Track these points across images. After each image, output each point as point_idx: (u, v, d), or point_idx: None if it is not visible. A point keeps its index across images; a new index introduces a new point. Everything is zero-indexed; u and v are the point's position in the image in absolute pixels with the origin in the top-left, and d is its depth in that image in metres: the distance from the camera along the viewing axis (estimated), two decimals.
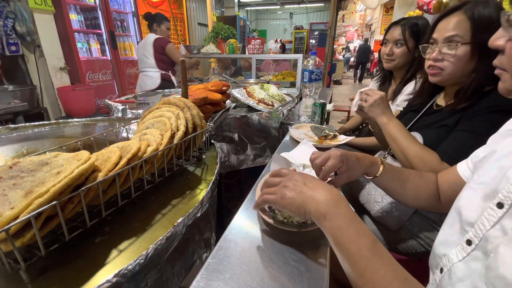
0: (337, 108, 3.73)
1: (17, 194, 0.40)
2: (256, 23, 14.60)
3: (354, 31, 16.64)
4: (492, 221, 0.39)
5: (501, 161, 0.44)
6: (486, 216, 0.40)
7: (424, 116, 0.91)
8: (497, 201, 0.39)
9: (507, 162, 0.42)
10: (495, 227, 0.38)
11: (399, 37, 1.25)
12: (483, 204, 0.42)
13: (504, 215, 0.38)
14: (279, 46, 3.48)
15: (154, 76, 2.52)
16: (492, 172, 0.44)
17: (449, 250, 0.46)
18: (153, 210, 0.56)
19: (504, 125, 0.52)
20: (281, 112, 1.42)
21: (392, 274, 0.37)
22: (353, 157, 0.59)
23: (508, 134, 0.48)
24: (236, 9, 8.36)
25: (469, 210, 0.44)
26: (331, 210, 0.43)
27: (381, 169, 0.62)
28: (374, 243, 0.40)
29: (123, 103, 1.42)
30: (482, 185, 0.44)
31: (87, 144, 0.79)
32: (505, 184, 0.39)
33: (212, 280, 0.44)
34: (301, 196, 0.47)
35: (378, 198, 0.87)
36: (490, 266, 0.37)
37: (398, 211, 0.84)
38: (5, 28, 2.33)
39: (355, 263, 0.39)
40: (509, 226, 0.37)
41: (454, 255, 0.44)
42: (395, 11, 5.32)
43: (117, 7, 3.61)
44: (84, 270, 0.41)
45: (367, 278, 0.37)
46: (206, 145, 0.83)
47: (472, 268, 0.40)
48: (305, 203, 0.46)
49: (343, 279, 0.84)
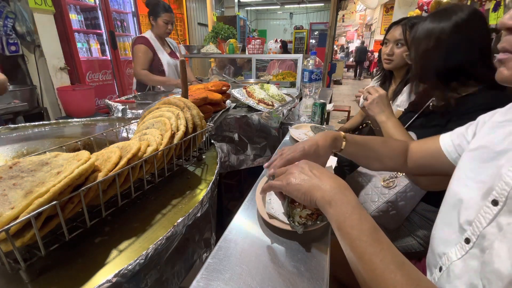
0: (337, 108, 3.73)
1: (17, 194, 0.40)
2: (256, 23, 14.60)
3: (354, 31, 16.65)
4: (488, 219, 0.39)
5: (496, 159, 0.44)
6: (483, 214, 0.41)
7: (421, 117, 0.93)
8: (492, 198, 0.40)
9: (501, 160, 0.43)
10: (491, 224, 0.39)
11: (400, 37, 1.25)
12: (480, 202, 0.42)
13: (500, 212, 0.38)
14: (279, 46, 3.48)
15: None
16: (490, 170, 0.44)
17: (449, 249, 0.46)
18: (153, 210, 0.56)
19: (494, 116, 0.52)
20: (281, 112, 1.42)
21: (390, 258, 0.37)
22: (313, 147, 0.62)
23: (498, 126, 0.48)
24: (236, 9, 8.37)
25: (468, 211, 0.44)
26: (336, 197, 0.44)
27: (344, 143, 0.67)
28: (375, 229, 0.40)
29: (123, 103, 1.42)
30: (480, 184, 0.44)
31: (87, 144, 0.79)
32: (499, 181, 0.40)
33: (212, 280, 0.44)
34: (307, 183, 0.47)
35: (375, 198, 0.88)
36: (485, 261, 0.37)
37: (395, 210, 0.84)
38: (5, 28, 2.33)
39: (355, 247, 0.39)
40: (505, 222, 0.37)
41: (454, 253, 0.44)
42: (395, 11, 5.32)
43: (117, 7, 3.61)
44: (84, 270, 0.41)
45: (366, 260, 0.38)
46: (206, 145, 0.83)
47: (469, 266, 0.40)
48: (311, 189, 0.46)
49: (343, 279, 0.84)
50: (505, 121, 0.48)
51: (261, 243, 0.53)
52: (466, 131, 0.59)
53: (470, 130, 0.58)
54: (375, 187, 0.89)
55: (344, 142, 0.67)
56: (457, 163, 0.59)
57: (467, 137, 0.59)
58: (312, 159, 0.61)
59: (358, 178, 0.97)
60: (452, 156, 0.62)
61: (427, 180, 0.76)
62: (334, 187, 0.45)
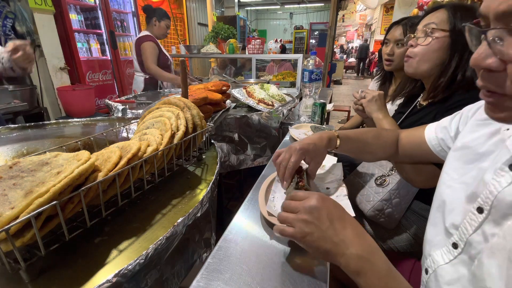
0: (337, 108, 3.73)
1: (17, 194, 0.40)
2: (256, 23, 14.59)
3: (354, 31, 16.64)
4: (474, 226, 0.39)
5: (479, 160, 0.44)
6: (468, 220, 0.40)
7: (409, 116, 0.95)
8: (477, 205, 0.39)
9: (484, 163, 0.42)
10: (477, 232, 0.38)
11: (400, 37, 1.24)
12: (466, 206, 0.41)
13: (485, 220, 0.38)
14: (279, 46, 3.48)
15: (138, 80, 2.33)
16: (473, 172, 0.43)
17: (434, 251, 0.45)
18: (153, 210, 0.56)
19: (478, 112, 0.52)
20: (281, 112, 1.42)
21: None
22: (311, 145, 0.63)
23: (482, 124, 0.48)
24: (236, 9, 8.36)
25: (453, 213, 0.44)
26: (365, 267, 0.39)
27: (338, 141, 0.69)
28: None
29: (123, 103, 1.42)
30: (463, 185, 0.44)
31: (87, 144, 0.79)
32: (483, 188, 0.39)
33: (212, 280, 0.44)
34: (327, 242, 0.41)
35: (370, 197, 0.88)
36: (476, 275, 0.36)
37: (390, 208, 0.84)
38: (4, 28, 2.33)
39: None
40: (490, 232, 0.36)
41: (440, 256, 0.44)
42: (395, 11, 5.33)
43: (117, 7, 3.60)
44: (84, 270, 0.41)
45: None
46: (206, 145, 0.83)
47: (460, 273, 0.40)
48: (333, 254, 0.41)
49: (343, 279, 0.84)
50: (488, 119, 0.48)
51: (261, 243, 0.53)
52: (449, 125, 0.60)
53: (454, 123, 0.59)
54: (370, 187, 0.90)
55: (338, 140, 0.69)
56: (441, 156, 0.61)
57: (450, 131, 0.59)
58: (311, 156, 0.63)
59: (355, 180, 0.98)
60: (436, 149, 0.63)
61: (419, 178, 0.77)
62: (359, 253, 0.40)
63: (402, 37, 1.24)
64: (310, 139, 0.65)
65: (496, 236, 0.35)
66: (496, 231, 0.36)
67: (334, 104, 3.24)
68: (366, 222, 0.94)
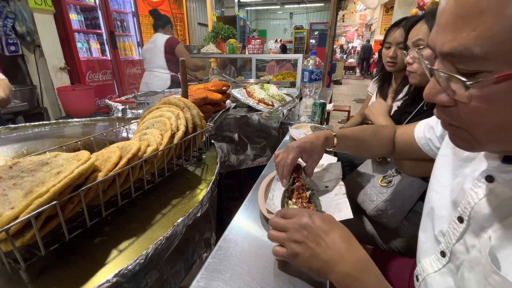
0: (337, 108, 3.73)
1: (17, 194, 0.40)
2: (256, 23, 14.59)
3: (354, 31, 16.64)
4: (456, 235, 0.38)
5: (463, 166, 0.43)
6: (451, 229, 0.40)
7: (416, 116, 0.95)
8: (457, 214, 0.39)
9: (466, 168, 0.42)
10: (460, 242, 0.38)
11: (401, 39, 1.24)
12: (451, 213, 0.41)
13: (466, 230, 0.37)
14: (279, 46, 3.48)
15: (164, 77, 2.48)
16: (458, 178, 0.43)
17: (424, 259, 0.45)
18: (153, 210, 0.56)
19: None
20: (281, 112, 1.42)
21: None
22: (308, 144, 0.64)
23: None
24: (236, 9, 8.36)
25: (441, 220, 0.43)
26: (353, 284, 0.39)
27: (335, 140, 0.69)
28: None
29: (123, 103, 1.42)
30: (451, 192, 0.43)
31: (87, 144, 0.79)
32: (463, 197, 0.39)
33: (212, 280, 0.44)
34: (318, 261, 0.41)
35: (373, 197, 0.88)
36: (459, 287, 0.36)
37: (393, 209, 0.84)
38: (5, 28, 2.33)
39: None
40: (470, 243, 0.36)
41: (428, 264, 0.43)
42: (395, 11, 5.31)
43: (117, 7, 3.60)
44: (84, 270, 0.41)
45: None
46: (206, 145, 0.83)
47: (448, 283, 0.39)
48: (323, 271, 0.41)
49: None
50: None
51: (261, 243, 0.53)
52: (436, 124, 0.60)
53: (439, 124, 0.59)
54: (374, 187, 0.90)
55: (335, 139, 0.69)
56: (431, 154, 0.61)
57: (436, 131, 0.60)
58: (308, 154, 0.64)
59: (357, 178, 0.98)
60: (425, 148, 0.64)
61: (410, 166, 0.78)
62: (347, 271, 0.39)
63: (402, 39, 1.24)
64: (307, 138, 0.66)
65: (475, 248, 0.35)
66: (475, 243, 0.35)
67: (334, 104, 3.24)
68: (367, 221, 0.94)
